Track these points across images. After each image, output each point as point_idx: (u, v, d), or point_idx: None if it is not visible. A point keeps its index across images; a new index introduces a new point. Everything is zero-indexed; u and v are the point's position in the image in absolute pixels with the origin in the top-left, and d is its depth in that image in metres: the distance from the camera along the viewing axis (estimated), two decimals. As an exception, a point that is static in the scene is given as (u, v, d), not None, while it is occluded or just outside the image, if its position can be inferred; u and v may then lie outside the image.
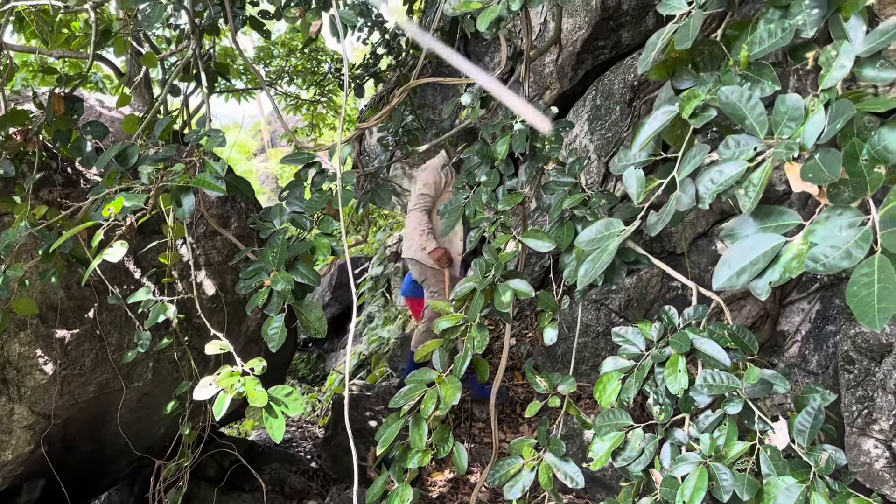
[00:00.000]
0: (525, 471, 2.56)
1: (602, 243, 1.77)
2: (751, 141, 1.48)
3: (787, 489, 1.80)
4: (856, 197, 1.27)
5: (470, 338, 2.64)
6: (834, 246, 1.27)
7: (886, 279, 1.16)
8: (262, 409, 2.11)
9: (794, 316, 4.77)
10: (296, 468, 5.43)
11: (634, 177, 1.75)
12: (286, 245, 2.46)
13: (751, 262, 1.41)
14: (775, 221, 1.43)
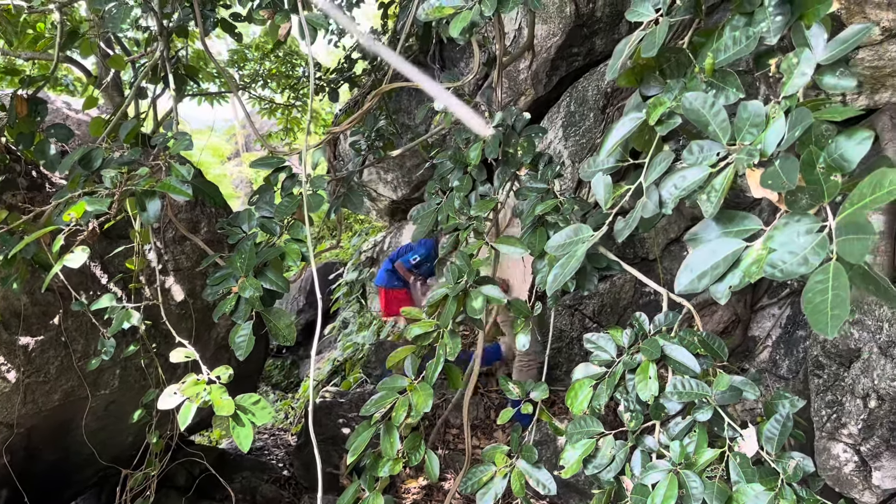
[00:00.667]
0: (497, 478, 2.54)
1: (571, 248, 1.76)
2: (714, 147, 1.48)
3: (755, 496, 1.80)
4: (813, 204, 1.27)
5: (442, 344, 2.62)
6: (792, 252, 1.27)
7: (840, 287, 1.16)
8: (229, 418, 2.07)
9: (765, 321, 4.81)
10: (267, 476, 5.36)
11: (602, 183, 1.74)
12: (255, 251, 2.42)
13: (712, 266, 1.41)
14: (737, 226, 1.44)
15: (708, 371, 2.17)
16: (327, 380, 7.32)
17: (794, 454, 1.88)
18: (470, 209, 2.67)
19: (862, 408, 3.50)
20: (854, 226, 1.15)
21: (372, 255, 8.19)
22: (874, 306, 3.48)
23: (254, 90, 9.36)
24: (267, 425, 7.50)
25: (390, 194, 7.35)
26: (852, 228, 1.16)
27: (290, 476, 5.45)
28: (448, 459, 5.25)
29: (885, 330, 3.33)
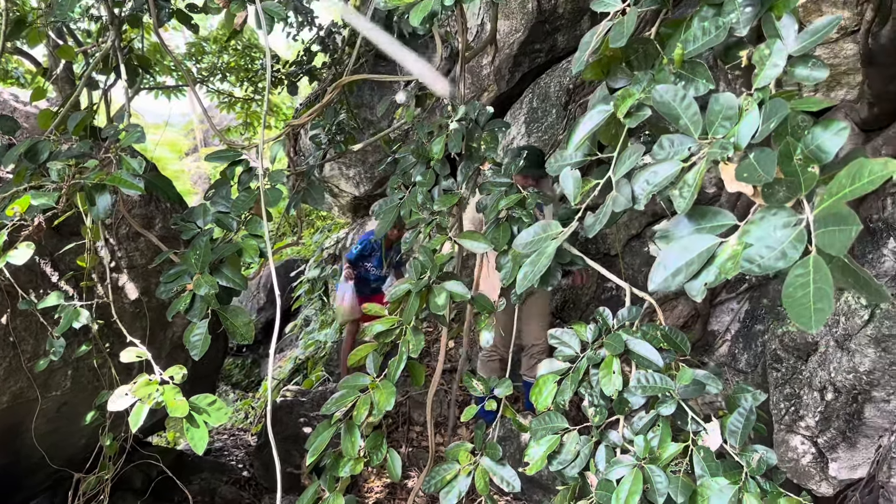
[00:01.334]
0: (461, 476, 2.52)
1: (540, 245, 1.74)
2: (685, 141, 1.46)
3: (720, 490, 1.80)
4: (790, 197, 1.26)
5: (405, 341, 2.58)
6: (769, 246, 1.25)
7: (822, 280, 1.14)
8: (183, 420, 2.00)
9: (724, 315, 4.87)
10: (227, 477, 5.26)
11: (571, 177, 1.72)
12: (210, 247, 2.35)
13: (686, 263, 1.39)
14: (710, 222, 1.42)
15: (671, 365, 2.17)
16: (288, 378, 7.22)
17: (757, 447, 1.89)
18: (433, 204, 2.63)
19: (819, 400, 3.56)
20: (835, 217, 1.14)
21: (334, 251, 8.10)
22: (830, 300, 3.54)
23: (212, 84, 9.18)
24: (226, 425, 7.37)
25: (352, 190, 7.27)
26: (833, 220, 1.14)
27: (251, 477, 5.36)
28: (412, 457, 5.22)
29: (841, 323, 3.38)
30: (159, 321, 4.08)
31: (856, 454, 3.58)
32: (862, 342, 3.29)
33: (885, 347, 3.21)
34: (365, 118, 6.33)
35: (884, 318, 3.23)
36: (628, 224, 5.45)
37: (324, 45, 6.05)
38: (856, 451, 3.58)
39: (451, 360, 6.10)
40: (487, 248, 2.53)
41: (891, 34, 3.40)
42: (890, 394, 3.28)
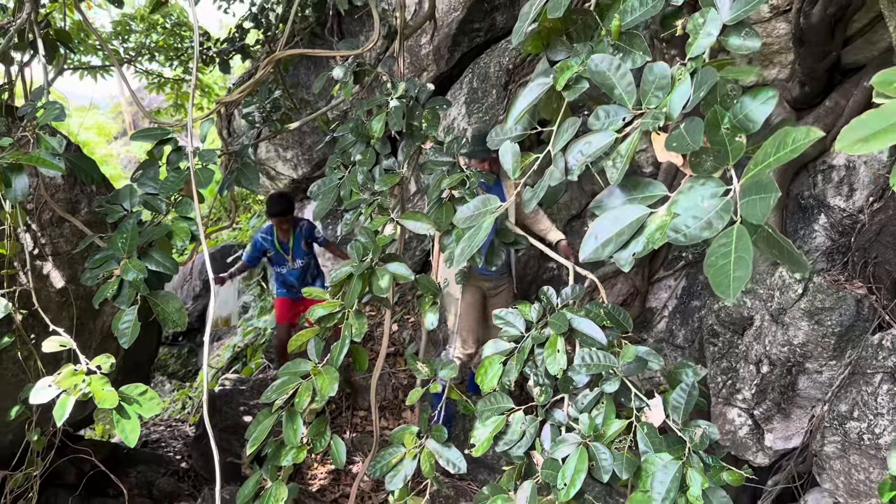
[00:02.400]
0: (407, 460, 2.48)
1: (478, 220, 1.70)
2: (620, 111, 1.44)
3: (664, 466, 1.81)
4: (717, 167, 1.26)
5: (348, 325, 2.51)
6: (696, 216, 1.25)
7: (743, 249, 1.15)
8: (113, 411, 1.90)
9: (662, 293, 4.96)
10: (165, 469, 5.10)
11: (510, 151, 1.68)
12: (138, 230, 2.23)
13: (616, 233, 1.38)
14: (642, 193, 1.41)
15: (614, 342, 2.18)
16: (227, 367, 7.05)
17: (700, 422, 1.91)
18: (374, 184, 2.56)
19: (755, 373, 3.65)
20: (757, 185, 1.14)
21: (272, 236, 7.91)
22: (765, 276, 3.63)
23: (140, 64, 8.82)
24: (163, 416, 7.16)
25: (290, 173, 7.11)
26: (755, 188, 1.14)
27: (189, 468, 5.21)
28: (356, 443, 5.16)
29: (775, 298, 3.47)
30: (88, 310, 3.89)
31: (790, 425, 3.70)
32: (796, 316, 3.39)
33: (818, 320, 3.31)
34: (301, 98, 6.17)
35: (816, 292, 3.33)
36: (569, 204, 5.49)
37: (257, 22, 5.86)
38: (790, 422, 3.69)
39: (395, 344, 6.06)
40: (430, 230, 2.48)
41: (821, 13, 3.48)
42: (822, 365, 3.39)
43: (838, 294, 3.30)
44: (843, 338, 3.30)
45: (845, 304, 3.27)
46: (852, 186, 3.93)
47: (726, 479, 1.83)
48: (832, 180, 4.04)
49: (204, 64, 5.84)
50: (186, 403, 7.29)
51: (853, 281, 3.51)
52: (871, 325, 3.27)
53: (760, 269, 3.76)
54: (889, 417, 3.10)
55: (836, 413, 3.26)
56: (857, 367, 3.24)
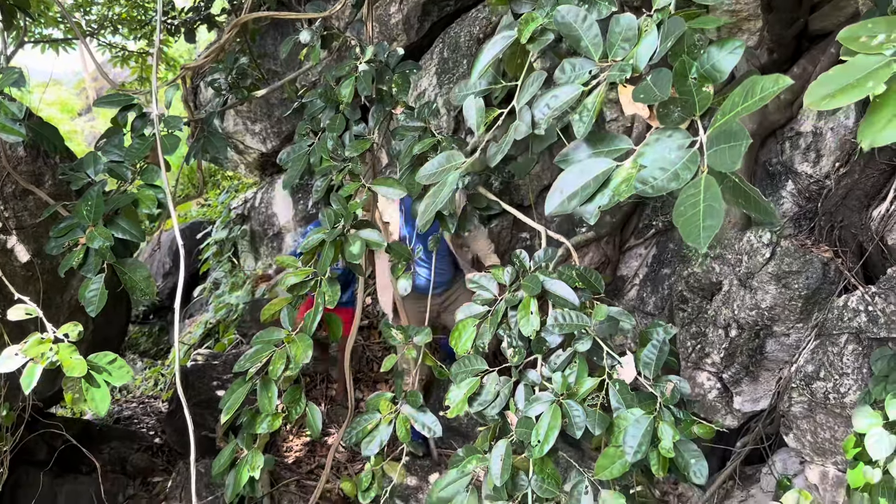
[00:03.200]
0: (382, 426, 2.48)
1: (442, 177, 1.69)
2: (586, 64, 1.44)
3: (636, 420, 1.84)
4: (685, 117, 1.26)
5: (320, 292, 2.50)
6: (662, 168, 1.25)
7: (712, 198, 1.16)
8: (82, 380, 1.87)
9: (633, 261, 5.00)
10: (138, 445, 5.06)
11: (474, 106, 1.67)
12: (103, 198, 2.18)
13: (582, 186, 1.38)
14: (607, 146, 1.41)
15: (586, 304, 2.19)
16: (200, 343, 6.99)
17: (670, 377, 1.94)
18: (344, 150, 2.53)
19: (724, 337, 3.71)
20: (726, 134, 1.14)
21: (242, 212, 7.82)
22: (734, 241, 3.68)
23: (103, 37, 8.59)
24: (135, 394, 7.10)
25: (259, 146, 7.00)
26: (724, 137, 1.15)
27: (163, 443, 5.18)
28: (332, 415, 5.17)
29: (743, 262, 3.52)
30: (55, 284, 3.82)
31: (758, 387, 3.77)
32: (763, 279, 3.44)
33: (785, 283, 3.36)
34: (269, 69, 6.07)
35: (784, 256, 3.38)
36: (540, 175, 5.49)
37: (223, -8, 5.72)
38: (758, 385, 3.77)
39: (370, 317, 6.05)
40: (402, 194, 2.47)
41: (789, -21, 3.49)
42: (790, 328, 3.46)
43: (805, 257, 3.36)
44: (810, 300, 3.36)
45: (812, 268, 3.33)
46: (819, 153, 3.98)
47: (697, 433, 1.86)
48: (799, 147, 4.09)
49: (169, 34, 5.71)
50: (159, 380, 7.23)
51: (820, 245, 3.57)
52: (837, 287, 3.34)
53: (729, 234, 3.80)
54: (854, 377, 3.17)
55: (802, 374, 3.32)
56: (823, 329, 3.31)
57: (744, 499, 4.00)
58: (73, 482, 4.48)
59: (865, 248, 3.43)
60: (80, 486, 4.43)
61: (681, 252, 4.59)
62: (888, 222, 3.36)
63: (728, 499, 4.05)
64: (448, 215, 2.43)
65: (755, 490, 4.01)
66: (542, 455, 1.88)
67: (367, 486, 2.47)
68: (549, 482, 1.93)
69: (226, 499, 2.40)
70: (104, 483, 4.11)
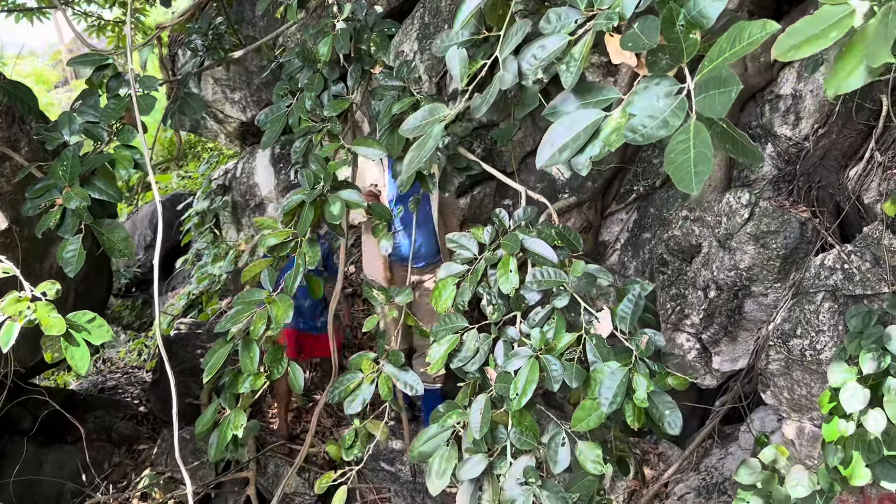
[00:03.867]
0: (365, 384, 2.50)
1: (427, 129, 1.69)
2: (572, 14, 1.43)
3: (611, 373, 1.87)
4: (672, 65, 1.27)
5: (301, 253, 2.50)
6: (651, 116, 1.26)
7: (701, 143, 1.17)
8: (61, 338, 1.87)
9: (614, 226, 5.04)
10: (123, 414, 5.08)
11: (457, 57, 1.67)
12: (79, 158, 2.16)
13: (572, 138, 1.38)
14: (596, 97, 1.41)
15: (565, 262, 2.21)
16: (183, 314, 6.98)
17: (646, 330, 1.96)
18: (323, 110, 2.52)
19: (703, 298, 3.76)
20: (716, 80, 1.15)
21: (223, 182, 7.76)
22: (713, 203, 3.71)
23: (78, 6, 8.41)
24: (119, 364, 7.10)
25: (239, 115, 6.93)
26: (713, 84, 1.15)
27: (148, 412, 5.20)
28: (316, 381, 5.20)
29: (723, 223, 3.55)
30: (35, 252, 3.79)
31: (737, 347, 3.83)
32: (742, 240, 3.47)
33: (763, 244, 3.40)
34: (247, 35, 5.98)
35: (762, 216, 3.42)
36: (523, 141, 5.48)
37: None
38: (737, 344, 3.83)
39: (353, 285, 6.06)
40: (381, 154, 2.46)
41: (769, -62, 3.48)
42: (768, 287, 3.51)
43: (783, 217, 3.39)
44: (788, 260, 3.40)
45: (790, 227, 3.37)
46: (798, 115, 4.00)
47: (671, 384, 1.90)
48: (779, 110, 4.11)
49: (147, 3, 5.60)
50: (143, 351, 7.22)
51: (798, 205, 3.61)
52: (814, 246, 3.38)
53: (709, 197, 3.83)
54: (830, 334, 3.23)
55: (780, 332, 3.38)
56: (800, 288, 3.36)
57: (722, 456, 4.08)
58: (58, 451, 4.49)
59: (842, 208, 3.47)
60: (66, 454, 4.44)
61: (661, 216, 4.63)
62: (864, 182, 3.40)
63: (707, 457, 4.14)
64: (428, 175, 2.43)
65: (734, 448, 4.10)
66: (520, 408, 1.91)
67: (351, 443, 2.50)
68: (527, 434, 1.96)
69: (209, 458, 2.42)
70: (89, 451, 4.12)
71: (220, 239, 7.56)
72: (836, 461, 2.98)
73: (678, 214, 3.97)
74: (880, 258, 3.07)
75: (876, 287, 3.05)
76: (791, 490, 3.22)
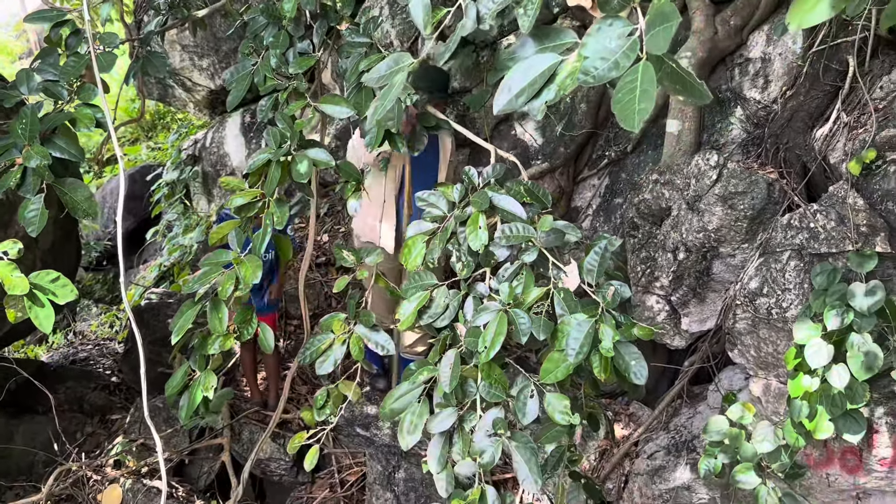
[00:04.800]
0: (336, 345, 2.50)
1: (392, 78, 1.67)
2: (528, -43, 1.43)
3: (578, 324, 1.89)
4: (624, 5, 1.26)
5: (269, 213, 2.48)
6: (604, 58, 1.26)
7: (647, 82, 1.17)
8: (24, 298, 1.84)
9: (586, 192, 5.06)
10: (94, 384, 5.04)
11: (420, 5, 1.65)
12: (38, 116, 2.11)
13: (529, 83, 1.38)
14: (553, 41, 1.41)
15: (534, 218, 2.22)
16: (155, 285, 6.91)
17: (612, 282, 1.98)
18: (288, 67, 2.48)
19: (672, 260, 3.79)
20: (661, 16, 1.15)
21: (193, 153, 7.65)
22: (682, 166, 3.73)
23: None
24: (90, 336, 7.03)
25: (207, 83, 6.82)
26: (659, 19, 1.16)
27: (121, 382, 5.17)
28: (290, 350, 5.19)
29: (691, 186, 3.58)
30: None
31: (705, 308, 3.89)
32: (710, 201, 3.51)
33: (731, 205, 3.44)
34: (215, 0, 5.88)
35: (730, 177, 3.45)
36: (496, 107, 5.46)
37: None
38: (705, 306, 3.88)
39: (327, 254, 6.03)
40: (349, 112, 2.44)
41: None
42: (735, 248, 3.55)
43: (751, 178, 3.43)
44: (755, 221, 3.44)
45: (757, 188, 3.41)
46: (767, 78, 4.03)
47: (637, 334, 1.92)
48: (748, 73, 4.14)
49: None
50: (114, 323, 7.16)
51: (765, 167, 3.65)
52: (781, 206, 3.43)
53: (678, 160, 3.86)
54: (795, 292, 3.28)
55: (746, 291, 3.43)
56: (767, 248, 3.41)
57: (691, 415, 4.16)
58: (29, 421, 4.46)
59: (809, 168, 3.52)
60: (37, 424, 4.41)
61: (632, 180, 4.66)
62: (831, 142, 3.45)
63: (676, 416, 4.21)
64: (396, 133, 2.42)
65: (702, 407, 4.18)
66: (488, 360, 1.92)
67: (322, 403, 2.51)
68: (496, 387, 1.98)
69: (181, 420, 2.42)
70: (61, 422, 4.09)
71: (190, 209, 7.48)
72: (801, 416, 3.06)
73: (649, 178, 3.99)
74: (845, 217, 3.12)
75: (840, 245, 3.10)
76: (757, 445, 3.30)
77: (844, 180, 3.23)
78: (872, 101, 3.26)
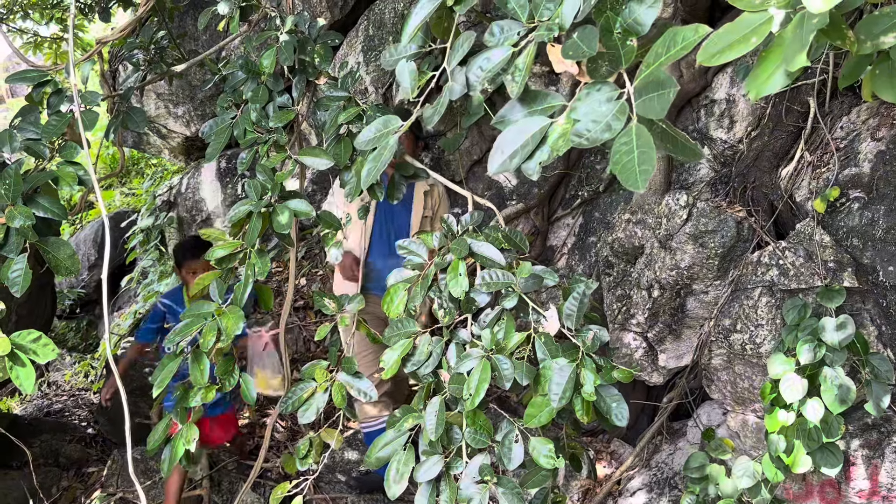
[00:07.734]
0: (318, 393, 2.51)
1: (382, 141, 1.72)
2: (514, 26, 1.50)
3: (559, 368, 1.93)
4: (612, 71, 1.33)
5: (250, 264, 2.50)
6: (595, 120, 1.32)
7: (644, 144, 1.23)
8: (6, 358, 1.84)
9: (561, 231, 5.15)
10: (70, 437, 4.94)
11: (406, 70, 1.71)
12: (21, 176, 2.13)
13: (521, 145, 1.43)
14: (541, 104, 1.47)
15: (512, 264, 2.27)
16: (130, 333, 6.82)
17: (591, 327, 2.03)
18: (268, 121, 2.53)
19: (647, 298, 3.87)
20: (654, 83, 1.21)
21: (168, 198, 7.64)
22: (654, 205, 3.83)
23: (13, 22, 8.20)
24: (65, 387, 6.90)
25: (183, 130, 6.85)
26: (652, 87, 1.21)
27: (97, 433, 5.07)
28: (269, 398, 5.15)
29: (663, 225, 3.67)
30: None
31: (681, 344, 3.95)
32: (682, 240, 3.60)
33: (702, 243, 3.53)
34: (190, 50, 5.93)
35: (700, 216, 3.55)
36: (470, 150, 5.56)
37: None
38: (681, 342, 3.95)
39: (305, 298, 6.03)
40: (329, 163, 2.49)
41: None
42: (708, 285, 3.63)
43: (720, 217, 3.53)
44: (726, 258, 3.53)
45: (726, 226, 3.51)
46: (732, 119, 4.16)
47: (617, 377, 1.96)
48: (714, 114, 4.27)
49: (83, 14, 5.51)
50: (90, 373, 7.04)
51: (734, 205, 3.76)
52: (751, 244, 3.52)
53: (650, 200, 3.96)
54: (768, 328, 3.36)
55: (721, 328, 3.50)
56: (738, 284, 3.49)
57: (672, 452, 4.19)
58: (2, 478, 4.35)
59: (776, 206, 3.63)
60: (11, 480, 4.31)
61: (605, 220, 4.75)
62: (796, 180, 3.56)
63: (657, 453, 4.25)
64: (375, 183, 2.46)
65: (682, 443, 4.22)
66: (473, 407, 1.95)
67: (305, 453, 2.50)
68: (481, 433, 2.00)
69: (162, 474, 2.40)
70: (37, 476, 4.00)
71: (166, 256, 7.43)
72: (779, 450, 3.11)
73: (621, 217, 4.08)
74: (812, 253, 3.22)
75: (810, 281, 3.20)
76: (737, 481, 3.34)
77: (811, 217, 3.33)
78: (834, 141, 3.39)
